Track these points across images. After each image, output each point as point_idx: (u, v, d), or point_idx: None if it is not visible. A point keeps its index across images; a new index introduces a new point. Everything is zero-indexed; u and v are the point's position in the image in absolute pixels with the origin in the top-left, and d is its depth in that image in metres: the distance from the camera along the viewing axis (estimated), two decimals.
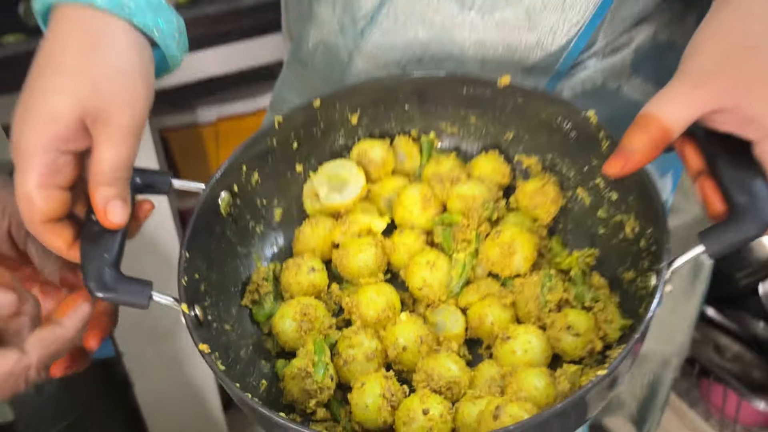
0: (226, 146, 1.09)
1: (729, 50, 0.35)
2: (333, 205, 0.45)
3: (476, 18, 0.50)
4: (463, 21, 0.50)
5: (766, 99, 0.34)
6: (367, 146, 0.47)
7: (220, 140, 1.10)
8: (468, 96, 0.46)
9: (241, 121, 1.10)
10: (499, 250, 0.41)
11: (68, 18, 0.36)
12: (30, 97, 0.35)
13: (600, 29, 0.50)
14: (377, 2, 0.52)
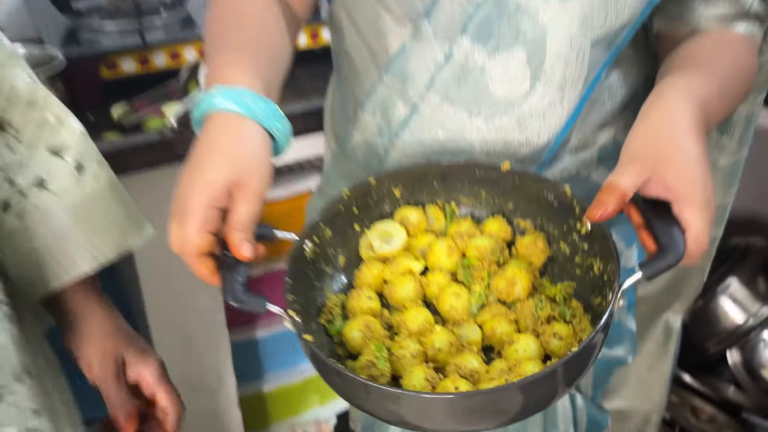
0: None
1: (655, 141, 0.54)
2: (383, 253, 0.62)
3: (481, 124, 0.69)
4: (472, 126, 0.69)
5: (678, 174, 0.52)
6: (407, 212, 0.64)
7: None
8: (479, 177, 0.64)
9: (274, 206, 1.29)
10: (505, 282, 0.57)
11: (219, 121, 0.54)
12: (193, 171, 0.52)
13: (572, 132, 0.69)
14: (408, 112, 0.71)
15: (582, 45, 0.65)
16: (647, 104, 0.58)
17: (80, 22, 1.12)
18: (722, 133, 0.86)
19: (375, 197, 0.64)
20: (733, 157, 0.88)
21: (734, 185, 0.91)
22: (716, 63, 0.65)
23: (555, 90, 0.66)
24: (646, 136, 0.55)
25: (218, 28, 0.65)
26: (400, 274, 0.60)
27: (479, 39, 0.66)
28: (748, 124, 0.86)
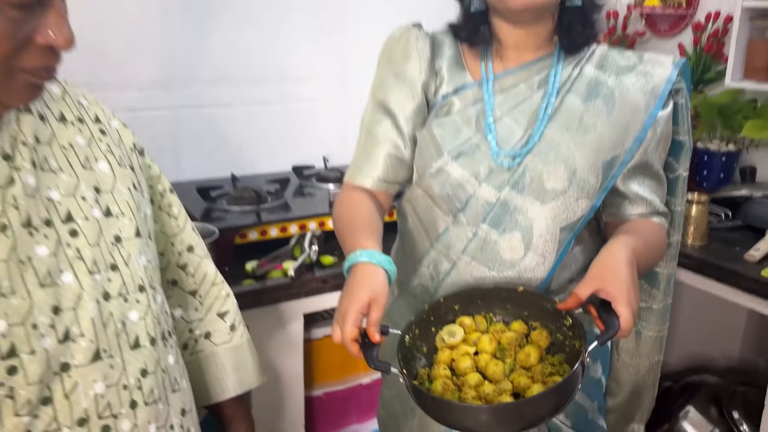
0: (325, 350, 1.68)
1: (604, 269, 0.97)
2: (450, 343, 1.03)
3: (495, 274, 1.13)
4: (489, 275, 1.13)
5: (616, 287, 0.94)
6: (463, 319, 1.06)
7: (322, 348, 1.69)
8: (505, 296, 1.07)
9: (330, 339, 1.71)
10: (524, 357, 0.99)
11: (361, 268, 0.97)
12: (348, 295, 0.94)
13: (551, 282, 1.14)
14: (450, 267, 1.16)
15: (554, 230, 1.12)
16: (602, 250, 1.03)
17: (214, 206, 1.62)
18: (652, 287, 1.29)
19: (443, 310, 1.08)
20: (662, 303, 1.30)
21: (666, 322, 1.33)
22: (642, 232, 1.12)
23: (539, 256, 1.12)
24: (599, 266, 1.00)
25: (345, 218, 1.13)
26: (461, 355, 1.02)
27: (493, 225, 1.12)
28: (668, 281, 1.30)
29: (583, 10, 1.11)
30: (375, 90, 1.20)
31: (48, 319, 0.74)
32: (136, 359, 0.82)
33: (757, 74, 1.93)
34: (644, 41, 2.38)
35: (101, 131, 0.87)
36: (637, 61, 1.15)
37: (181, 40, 1.78)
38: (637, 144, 1.11)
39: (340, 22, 2.00)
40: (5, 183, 0.73)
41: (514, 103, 1.13)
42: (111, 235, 0.82)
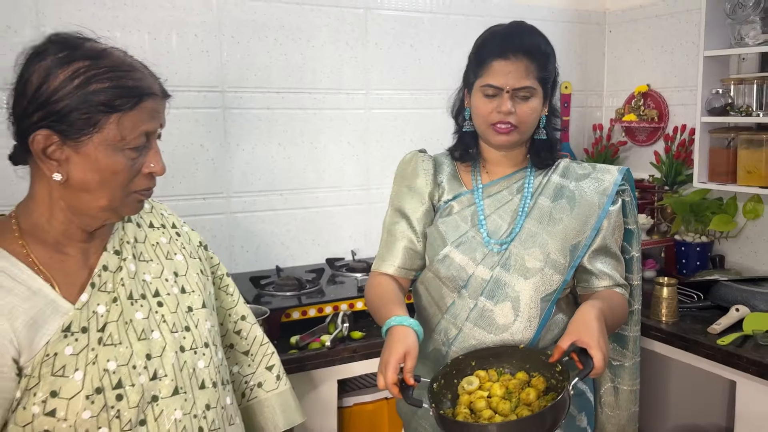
0: (355, 417, 1.95)
1: (579, 325, 1.26)
2: (469, 389, 1.29)
3: (493, 337, 1.43)
4: (488, 338, 1.43)
5: (589, 337, 1.21)
6: (479, 371, 1.32)
7: (353, 415, 1.97)
8: (510, 353, 1.34)
9: (366, 406, 1.99)
10: (525, 395, 1.25)
11: (395, 330, 1.26)
12: (387, 351, 1.22)
13: (538, 343, 1.46)
14: (457, 333, 1.48)
15: (536, 299, 1.42)
16: (576, 312, 1.31)
17: (263, 291, 1.97)
18: (622, 347, 1.58)
19: (462, 365, 1.32)
20: (632, 360, 1.58)
21: (637, 378, 1.58)
22: (606, 299, 1.40)
23: (526, 320, 1.41)
24: (575, 323, 1.27)
25: (376, 296, 1.43)
26: (477, 398, 1.27)
27: (489, 297, 1.42)
28: (635, 342, 1.58)
29: (548, 141, 1.48)
30: (393, 199, 1.55)
31: (143, 363, 1.04)
32: (202, 396, 1.11)
33: (720, 177, 2.25)
34: (626, 149, 2.76)
35: (177, 233, 1.22)
36: (591, 170, 1.51)
37: (235, 157, 2.20)
38: (594, 232, 1.44)
39: (363, 139, 2.40)
40: (116, 269, 1.08)
41: (499, 205, 1.47)
42: (185, 305, 1.15)
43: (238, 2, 2.14)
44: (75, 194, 1.01)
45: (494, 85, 1.38)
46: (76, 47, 0.98)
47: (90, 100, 0.95)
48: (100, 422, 0.99)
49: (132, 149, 1.00)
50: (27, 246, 1.02)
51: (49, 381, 0.97)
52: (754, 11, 2.08)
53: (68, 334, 0.99)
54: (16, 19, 1.85)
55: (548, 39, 1.44)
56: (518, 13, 2.57)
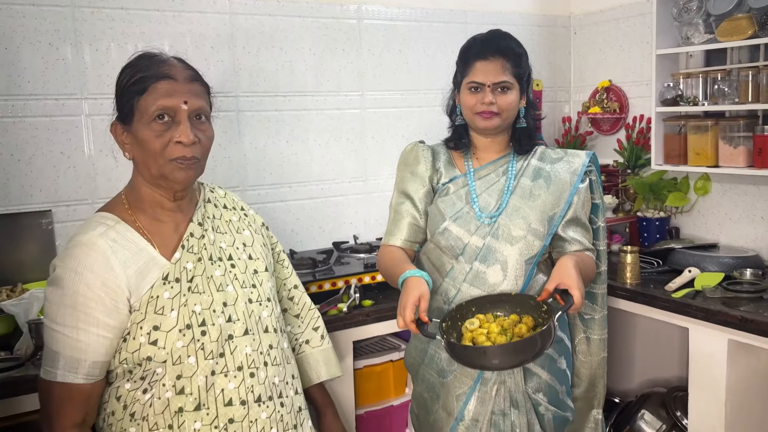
0: (366, 378, 2.24)
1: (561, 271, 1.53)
2: (471, 328, 1.55)
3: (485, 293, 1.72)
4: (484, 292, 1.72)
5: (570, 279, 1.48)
6: (478, 314, 1.59)
7: (363, 376, 2.25)
8: (504, 299, 1.61)
9: (375, 368, 2.27)
10: (518, 329, 1.52)
11: (410, 280, 1.50)
12: (405, 296, 1.47)
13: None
14: (455, 292, 1.70)
15: (521, 262, 1.69)
16: (557, 263, 1.59)
17: None
18: (592, 303, 1.86)
19: (464, 310, 1.58)
20: (600, 313, 1.87)
21: (605, 328, 1.87)
22: (578, 256, 1.67)
23: (513, 280, 1.68)
24: (557, 270, 1.53)
25: (389, 260, 1.68)
26: (479, 335, 1.53)
27: (482, 261, 1.69)
28: (603, 298, 1.87)
29: (528, 129, 1.77)
30: (398, 184, 1.82)
31: (221, 308, 1.32)
32: (266, 338, 1.38)
33: (674, 159, 2.57)
34: (592, 138, 3.09)
35: (244, 215, 1.51)
36: (563, 155, 1.80)
37: (248, 155, 2.47)
38: (567, 205, 1.72)
39: (360, 135, 2.68)
40: (199, 237, 1.36)
41: (488, 185, 1.75)
42: (252, 269, 1.43)
43: (248, 17, 2.41)
44: (141, 168, 1.31)
45: (477, 82, 1.66)
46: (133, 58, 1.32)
47: (126, 90, 1.27)
48: (189, 351, 1.27)
49: (157, 122, 1.25)
50: (134, 214, 1.31)
51: (152, 317, 1.25)
52: (697, 14, 2.41)
53: (165, 282, 1.28)
54: (57, 38, 2.10)
55: (521, 42, 1.74)
56: (492, 19, 2.88)
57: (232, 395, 1.29)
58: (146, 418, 1.26)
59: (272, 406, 1.35)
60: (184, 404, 1.26)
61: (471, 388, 1.70)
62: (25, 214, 2.09)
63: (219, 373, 1.29)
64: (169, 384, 1.26)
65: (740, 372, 1.99)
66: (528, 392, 1.72)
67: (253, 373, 1.33)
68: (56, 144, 2.12)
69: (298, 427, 1.42)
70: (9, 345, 1.77)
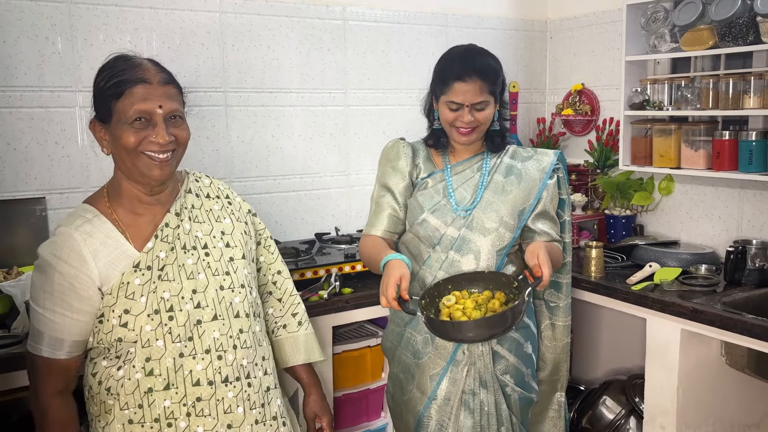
0: (344, 362, 2.36)
1: (533, 251, 1.66)
2: (448, 304, 1.66)
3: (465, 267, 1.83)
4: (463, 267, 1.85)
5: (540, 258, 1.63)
6: (455, 291, 1.70)
7: (341, 360, 2.37)
8: (478, 277, 1.73)
9: (352, 353, 2.40)
10: (491, 305, 1.65)
11: (391, 263, 1.60)
12: (386, 277, 1.57)
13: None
14: (432, 280, 1.82)
15: (492, 252, 1.81)
16: (528, 246, 1.72)
17: None
18: (558, 291, 1.99)
19: (441, 288, 1.68)
20: (565, 302, 1.99)
21: (569, 315, 2.00)
22: (549, 245, 1.79)
23: (484, 268, 1.80)
24: (529, 252, 1.67)
25: (370, 248, 1.79)
26: (455, 310, 1.64)
27: (457, 251, 1.81)
28: (567, 287, 1.99)
29: (501, 131, 1.88)
30: (379, 178, 1.93)
31: (189, 295, 1.39)
32: (236, 323, 1.44)
33: (640, 160, 2.72)
34: (565, 139, 3.23)
35: (228, 202, 1.58)
36: (533, 153, 1.92)
37: (235, 148, 2.57)
38: (536, 200, 1.84)
39: (343, 131, 2.79)
40: (174, 227, 1.44)
41: (464, 181, 1.87)
42: (228, 256, 1.48)
43: (237, 16, 2.52)
44: (119, 164, 1.39)
45: (456, 102, 1.75)
46: (109, 61, 1.38)
47: (103, 93, 1.35)
48: (157, 335, 1.36)
49: (135, 125, 1.33)
50: (112, 207, 1.40)
51: (123, 301, 1.35)
52: (663, 24, 2.56)
53: (137, 269, 1.37)
54: (53, 32, 2.19)
55: (495, 56, 1.83)
56: (472, 23, 3.01)
57: (200, 376, 1.38)
58: (118, 397, 1.37)
59: (239, 386, 1.43)
60: (154, 384, 1.36)
61: (444, 369, 1.81)
62: (20, 200, 2.18)
63: (187, 356, 1.38)
64: (139, 366, 1.36)
65: (692, 360, 2.14)
66: (496, 374, 1.83)
67: (221, 356, 1.41)
68: (51, 134, 2.22)
69: (265, 405, 1.49)
70: (5, 324, 1.87)
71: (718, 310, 1.99)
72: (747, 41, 2.29)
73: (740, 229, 2.52)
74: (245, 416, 1.44)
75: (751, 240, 2.39)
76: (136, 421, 1.37)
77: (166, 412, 1.37)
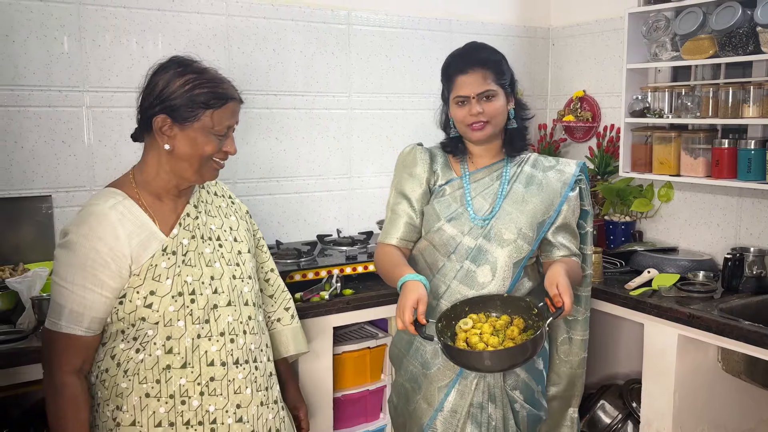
0: (344, 363, 2.38)
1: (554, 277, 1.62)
2: (465, 328, 1.65)
3: (474, 293, 1.75)
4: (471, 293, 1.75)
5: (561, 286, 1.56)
6: (471, 315, 1.68)
7: (341, 361, 2.40)
8: (496, 300, 1.71)
9: (353, 353, 2.42)
10: (510, 332, 1.62)
11: (408, 284, 1.57)
12: (403, 298, 1.56)
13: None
14: (445, 289, 1.77)
15: (509, 264, 1.73)
16: (548, 270, 1.64)
17: None
18: (577, 305, 1.91)
19: (458, 310, 1.63)
20: (584, 315, 1.93)
21: (587, 329, 1.95)
22: (566, 263, 1.73)
23: (501, 280, 1.72)
24: (550, 277, 1.63)
25: (388, 261, 1.74)
26: (472, 335, 1.58)
27: (473, 261, 1.72)
28: (587, 300, 1.92)
29: (519, 129, 1.83)
30: (395, 184, 1.86)
31: (208, 281, 1.47)
32: (246, 310, 1.54)
33: (640, 167, 2.74)
34: (566, 145, 3.26)
35: (231, 202, 1.67)
36: (555, 163, 1.86)
37: (239, 150, 2.58)
38: (556, 213, 1.78)
39: (347, 134, 2.82)
40: (194, 217, 1.52)
41: (482, 189, 1.80)
42: (237, 249, 1.58)
43: (243, 18, 2.55)
44: (176, 161, 1.44)
45: (462, 95, 1.74)
46: (188, 65, 1.46)
47: (195, 99, 1.41)
48: (179, 316, 1.43)
49: (217, 135, 1.45)
50: (139, 193, 1.46)
51: (150, 283, 1.41)
52: (664, 33, 2.59)
53: (164, 253, 1.44)
54: (62, 33, 2.22)
55: (497, 49, 1.81)
56: (476, 29, 3.04)
57: (214, 357, 1.46)
58: (137, 373, 1.42)
59: (248, 369, 1.51)
60: (172, 362, 1.43)
61: (453, 381, 1.77)
62: (27, 198, 2.21)
63: (204, 337, 1.45)
64: (160, 343, 1.42)
65: (688, 365, 2.16)
66: (506, 389, 1.79)
67: (233, 339, 1.50)
68: (58, 133, 2.24)
69: (269, 389, 1.57)
70: (10, 320, 1.90)
71: (715, 316, 2.02)
72: (747, 51, 2.32)
73: (738, 236, 2.54)
74: (252, 397, 1.51)
75: (748, 248, 2.41)
76: (153, 395, 1.42)
77: (181, 390, 1.43)
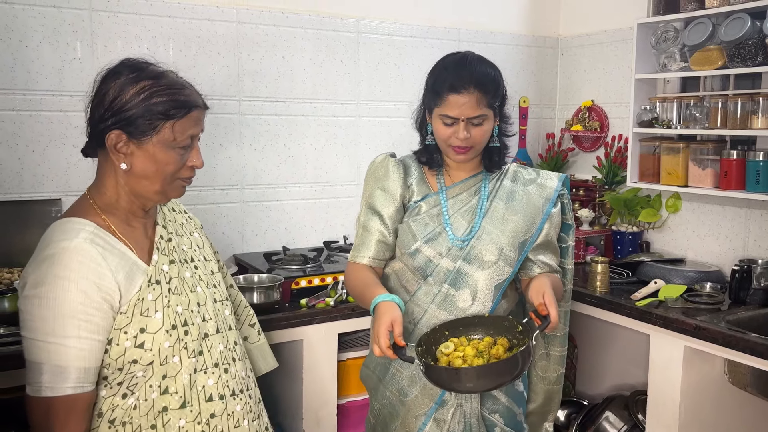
0: (348, 370, 2.39)
1: (539, 291, 1.56)
2: (446, 353, 1.58)
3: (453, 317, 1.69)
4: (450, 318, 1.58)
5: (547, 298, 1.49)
6: (452, 338, 1.59)
7: (345, 368, 2.40)
8: (477, 321, 1.64)
9: (357, 360, 2.42)
10: (494, 350, 1.55)
11: (382, 305, 1.46)
12: (377, 322, 1.44)
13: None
14: (422, 314, 1.65)
15: (490, 287, 1.62)
16: (532, 282, 1.59)
17: (275, 265, 2.39)
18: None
19: (438, 334, 1.54)
20: (562, 331, 1.82)
21: (565, 345, 1.80)
22: (550, 277, 1.64)
23: (481, 304, 1.61)
24: (535, 289, 1.55)
25: (359, 282, 1.62)
26: (455, 358, 1.47)
27: (452, 285, 1.61)
28: (566, 315, 1.83)
29: (499, 147, 1.69)
30: (366, 198, 1.73)
31: (196, 309, 1.33)
32: (230, 335, 1.41)
33: (647, 178, 2.74)
34: (574, 154, 3.25)
35: (189, 217, 1.51)
36: (536, 176, 1.74)
37: (248, 156, 2.62)
38: (538, 231, 1.68)
39: (354, 142, 2.83)
40: (167, 239, 1.36)
41: (460, 206, 1.68)
42: (209, 269, 1.44)
43: (253, 26, 2.57)
44: (136, 180, 1.26)
45: (451, 116, 1.58)
46: (142, 69, 1.26)
47: (152, 110, 1.22)
48: (174, 351, 1.27)
49: (181, 148, 1.27)
50: (107, 220, 1.27)
51: (138, 320, 1.24)
52: (673, 44, 2.59)
53: (149, 284, 1.27)
54: (74, 38, 2.25)
55: (493, 64, 1.64)
56: (484, 38, 3.05)
57: (212, 391, 1.33)
58: (129, 422, 1.26)
59: (244, 399, 1.40)
60: (169, 403, 1.28)
61: (431, 410, 1.69)
62: (37, 201, 2.23)
63: (200, 371, 1.32)
64: (156, 385, 1.27)
65: (694, 376, 2.15)
66: (484, 414, 1.72)
67: (227, 369, 1.37)
68: (69, 138, 2.27)
69: (260, 416, 1.46)
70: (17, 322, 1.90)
71: (722, 328, 2.01)
72: (756, 62, 2.32)
73: (746, 248, 2.53)
74: (249, 428, 1.40)
75: (756, 259, 2.40)
76: None
77: None
